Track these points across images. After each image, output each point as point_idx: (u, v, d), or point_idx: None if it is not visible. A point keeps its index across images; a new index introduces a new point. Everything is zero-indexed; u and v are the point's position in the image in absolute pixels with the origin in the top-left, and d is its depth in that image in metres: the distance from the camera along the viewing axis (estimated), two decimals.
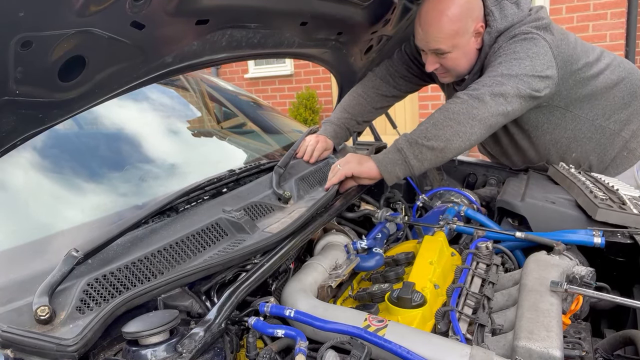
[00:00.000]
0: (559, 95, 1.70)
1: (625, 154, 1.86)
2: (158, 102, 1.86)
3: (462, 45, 1.65)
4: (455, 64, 1.71)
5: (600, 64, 1.75)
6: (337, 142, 1.92)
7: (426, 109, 6.77)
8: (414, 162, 1.51)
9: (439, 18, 1.60)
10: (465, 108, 1.49)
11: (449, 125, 1.48)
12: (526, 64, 1.54)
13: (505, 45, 1.60)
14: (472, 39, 1.66)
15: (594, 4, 5.63)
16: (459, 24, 1.61)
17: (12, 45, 0.77)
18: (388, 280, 1.29)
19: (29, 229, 1.12)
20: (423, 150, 1.50)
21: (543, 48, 1.58)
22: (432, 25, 1.62)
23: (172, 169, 1.53)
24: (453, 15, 1.60)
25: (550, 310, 0.99)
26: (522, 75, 1.53)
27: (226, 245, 1.14)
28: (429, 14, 1.63)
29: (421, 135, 1.50)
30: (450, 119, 1.49)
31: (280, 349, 0.92)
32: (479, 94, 1.50)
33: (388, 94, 1.98)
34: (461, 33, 1.63)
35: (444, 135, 1.48)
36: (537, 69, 1.55)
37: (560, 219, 1.47)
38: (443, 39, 1.63)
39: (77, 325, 0.82)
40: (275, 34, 1.49)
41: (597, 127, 1.80)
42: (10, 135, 0.92)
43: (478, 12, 1.64)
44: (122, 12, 0.92)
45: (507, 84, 1.51)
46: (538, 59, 1.56)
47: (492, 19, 1.64)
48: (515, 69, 1.53)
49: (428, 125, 1.51)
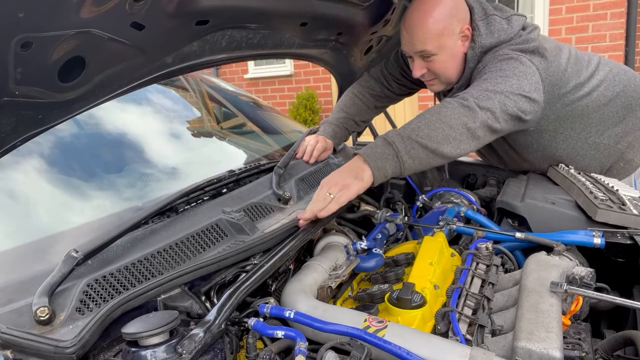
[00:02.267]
0: (546, 120, 1.66)
1: (622, 165, 1.82)
2: (158, 103, 1.86)
3: (448, 47, 1.60)
4: (443, 68, 1.65)
5: (593, 81, 1.68)
6: (337, 142, 1.92)
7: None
8: (405, 157, 1.37)
9: (424, 18, 1.57)
10: (456, 114, 1.42)
11: (441, 127, 1.39)
12: (513, 82, 1.48)
13: (490, 64, 1.56)
14: (459, 41, 1.62)
15: (594, 4, 5.63)
16: (444, 24, 1.57)
17: (12, 45, 0.77)
18: (388, 281, 1.29)
19: (29, 230, 1.12)
20: (415, 146, 1.37)
21: (530, 69, 1.54)
22: (416, 26, 1.59)
23: (171, 170, 1.52)
24: (437, 15, 1.56)
25: (550, 311, 0.99)
26: (508, 92, 1.47)
27: (226, 246, 1.14)
28: (413, 15, 1.60)
29: (413, 132, 1.39)
30: (442, 121, 1.40)
31: (280, 349, 0.92)
32: (469, 104, 1.43)
33: (382, 95, 1.97)
34: (447, 34, 1.58)
35: (435, 136, 1.38)
36: (524, 88, 1.49)
37: (560, 219, 1.47)
38: (428, 39, 1.58)
39: (77, 326, 0.82)
40: (275, 35, 1.49)
41: (590, 144, 1.75)
42: (10, 136, 0.92)
43: (464, 14, 1.61)
44: (122, 13, 0.92)
45: (493, 98, 1.45)
46: (525, 79, 1.51)
47: (477, 34, 1.60)
48: (501, 86, 1.47)
49: (420, 124, 1.41)
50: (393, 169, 1.39)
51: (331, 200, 1.30)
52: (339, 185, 1.33)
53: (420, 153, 1.38)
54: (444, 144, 1.39)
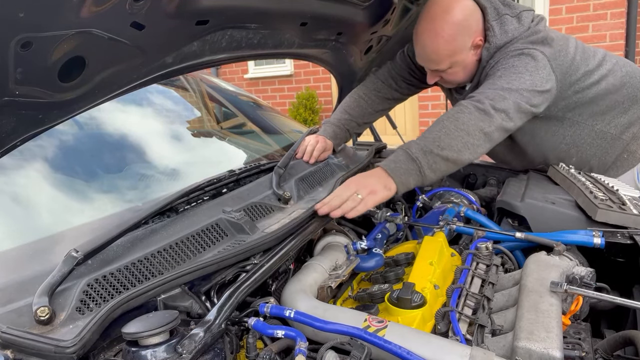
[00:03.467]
0: (556, 106, 1.69)
1: (626, 156, 1.86)
2: (158, 103, 1.86)
3: (460, 61, 1.66)
4: (455, 77, 1.73)
5: (601, 70, 1.72)
6: (337, 143, 1.92)
7: (426, 109, 6.77)
8: (428, 172, 1.44)
9: (435, 40, 1.60)
10: (473, 120, 1.47)
11: (460, 135, 1.45)
12: (526, 78, 1.53)
13: (503, 60, 1.59)
14: (471, 52, 1.66)
15: (594, 4, 5.64)
16: (455, 44, 1.61)
17: (12, 45, 0.77)
18: (388, 281, 1.30)
19: (29, 230, 1.12)
20: (437, 160, 1.44)
21: (542, 62, 1.57)
22: (427, 47, 1.63)
23: (171, 170, 1.52)
24: (448, 36, 1.59)
25: (550, 310, 0.99)
26: (522, 90, 1.52)
27: (226, 245, 1.14)
28: (424, 35, 1.62)
29: (434, 144, 1.45)
30: (460, 129, 1.46)
31: (280, 349, 0.92)
32: (485, 107, 1.48)
33: (389, 96, 1.98)
34: (458, 51, 1.63)
35: (455, 145, 1.44)
36: (536, 83, 1.54)
37: (560, 219, 1.47)
38: (441, 60, 1.64)
39: (77, 326, 0.82)
40: (275, 35, 1.49)
41: (597, 132, 1.79)
42: (10, 136, 0.92)
43: (475, 26, 1.63)
44: (122, 13, 0.92)
45: (508, 98, 1.50)
46: (537, 73, 1.55)
47: (492, 34, 1.63)
48: (515, 83, 1.52)
49: (440, 134, 1.46)
50: (415, 182, 1.47)
51: (360, 201, 1.36)
52: (368, 189, 1.39)
53: (442, 165, 1.46)
54: (463, 152, 1.46)
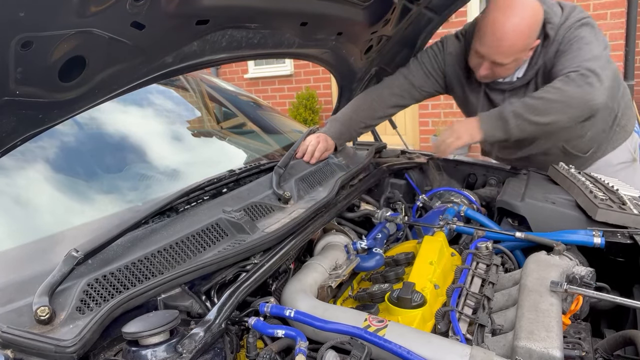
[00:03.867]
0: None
1: (617, 130, 1.98)
2: (158, 103, 1.86)
3: (520, 59, 1.72)
4: (507, 72, 1.78)
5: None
6: (340, 142, 1.91)
7: (426, 109, 6.77)
8: (514, 130, 1.63)
9: (513, 35, 1.63)
10: (581, 93, 1.56)
11: (561, 107, 1.57)
12: (601, 40, 1.65)
13: (568, 34, 1.66)
14: (529, 52, 1.72)
15: (594, 4, 5.63)
16: (527, 41, 1.67)
17: (12, 45, 0.77)
18: (388, 281, 1.30)
19: (29, 230, 1.12)
20: (526, 124, 1.61)
21: (596, 26, 1.69)
22: (504, 40, 1.64)
23: (171, 170, 1.52)
24: (523, 33, 1.64)
25: (550, 310, 0.99)
26: (601, 56, 1.62)
27: (226, 245, 1.14)
28: (504, 27, 1.63)
29: (529, 110, 1.60)
30: (563, 101, 1.57)
31: (280, 349, 0.92)
32: (591, 81, 1.55)
33: (401, 103, 1.99)
34: (526, 50, 1.69)
35: (553, 114, 1.58)
36: (606, 44, 1.67)
37: (560, 219, 1.47)
38: (512, 54, 1.68)
39: (77, 325, 0.82)
40: (275, 34, 1.49)
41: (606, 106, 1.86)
42: (11, 136, 0.92)
43: (538, 27, 1.68)
44: (122, 13, 0.92)
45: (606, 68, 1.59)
46: (600, 36, 1.67)
47: (554, 13, 1.69)
48: (596, 50, 1.62)
49: (540, 102, 1.59)
50: (502, 136, 1.67)
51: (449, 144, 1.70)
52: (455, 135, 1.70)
53: (529, 128, 1.64)
54: (558, 121, 1.61)
